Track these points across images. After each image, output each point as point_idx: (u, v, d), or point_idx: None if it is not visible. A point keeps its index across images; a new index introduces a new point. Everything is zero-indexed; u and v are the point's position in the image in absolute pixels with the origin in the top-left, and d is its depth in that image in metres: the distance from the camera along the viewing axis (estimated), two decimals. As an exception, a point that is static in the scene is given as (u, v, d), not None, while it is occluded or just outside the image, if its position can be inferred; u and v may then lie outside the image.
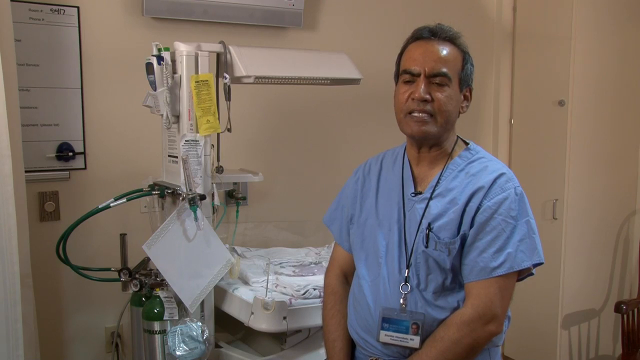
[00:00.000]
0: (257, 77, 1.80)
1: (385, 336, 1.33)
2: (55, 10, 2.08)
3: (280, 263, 2.09)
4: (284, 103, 2.55)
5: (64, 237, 1.73)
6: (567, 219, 2.82)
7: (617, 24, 2.86)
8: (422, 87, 1.30)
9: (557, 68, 2.81)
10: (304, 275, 1.95)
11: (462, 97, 1.37)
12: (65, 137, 2.14)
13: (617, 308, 2.59)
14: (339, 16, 2.63)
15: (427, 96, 1.30)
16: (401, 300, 1.33)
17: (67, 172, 2.15)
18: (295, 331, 1.83)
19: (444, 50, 1.33)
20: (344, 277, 1.53)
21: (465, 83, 1.36)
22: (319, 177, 2.64)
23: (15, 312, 1.68)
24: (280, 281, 1.86)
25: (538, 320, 2.97)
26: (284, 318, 1.70)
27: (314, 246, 2.33)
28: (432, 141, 1.36)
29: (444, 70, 1.31)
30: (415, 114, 1.31)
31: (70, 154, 2.14)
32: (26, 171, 1.89)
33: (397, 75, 1.40)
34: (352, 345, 1.46)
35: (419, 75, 1.31)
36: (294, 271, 2.00)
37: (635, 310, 2.66)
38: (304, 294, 1.77)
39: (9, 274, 1.66)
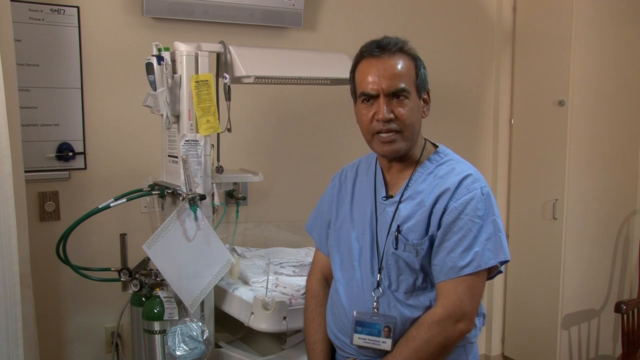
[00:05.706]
0: (257, 77, 1.80)
1: (359, 339, 1.36)
2: (55, 10, 2.08)
3: (280, 263, 2.09)
4: (284, 103, 2.55)
5: (64, 237, 1.73)
6: (567, 219, 2.82)
7: (617, 24, 2.86)
8: (384, 107, 1.31)
9: (557, 68, 2.81)
10: (304, 275, 1.94)
11: (422, 102, 1.38)
12: (65, 137, 2.14)
13: (617, 308, 2.59)
14: (339, 16, 2.63)
15: (391, 115, 1.31)
16: (374, 304, 1.36)
17: (67, 172, 2.15)
18: (295, 331, 1.83)
19: (397, 64, 1.33)
20: (324, 281, 1.57)
21: (422, 89, 1.37)
22: (319, 177, 2.63)
23: (15, 311, 1.68)
24: (280, 281, 1.86)
25: (538, 320, 2.97)
26: (284, 318, 1.70)
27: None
28: (402, 155, 1.38)
29: (402, 85, 1.31)
30: (383, 135, 1.33)
31: (70, 154, 2.14)
32: (26, 171, 1.89)
33: (354, 93, 1.41)
34: (332, 348, 1.49)
35: (377, 96, 1.32)
36: (294, 271, 2.00)
37: (635, 310, 2.66)
38: (304, 294, 1.77)
39: (8, 273, 1.66)
